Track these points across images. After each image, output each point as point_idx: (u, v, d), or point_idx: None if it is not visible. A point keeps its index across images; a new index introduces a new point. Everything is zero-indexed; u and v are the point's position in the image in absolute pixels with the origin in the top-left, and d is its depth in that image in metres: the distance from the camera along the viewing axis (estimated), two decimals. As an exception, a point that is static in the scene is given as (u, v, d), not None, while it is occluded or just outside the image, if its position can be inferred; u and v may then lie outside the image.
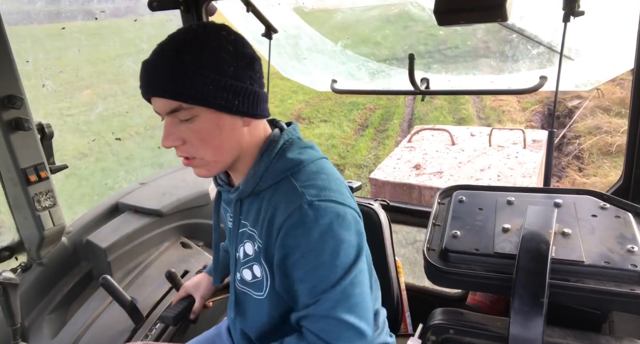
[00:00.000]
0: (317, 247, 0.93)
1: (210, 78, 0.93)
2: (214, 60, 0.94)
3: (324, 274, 0.94)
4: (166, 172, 2.36)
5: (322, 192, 0.98)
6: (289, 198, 0.98)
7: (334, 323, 0.93)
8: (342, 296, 0.93)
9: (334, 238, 0.94)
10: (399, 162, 4.92)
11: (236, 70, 0.96)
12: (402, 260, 1.84)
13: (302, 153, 1.05)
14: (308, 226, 0.94)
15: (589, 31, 1.62)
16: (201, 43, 0.94)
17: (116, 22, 6.64)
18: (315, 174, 1.02)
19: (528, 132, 5.24)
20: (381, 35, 7.95)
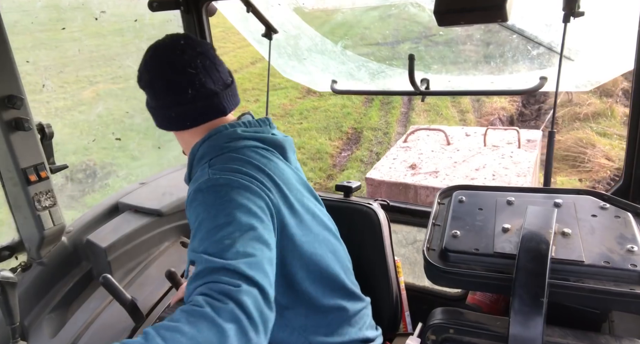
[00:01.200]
0: (212, 212, 0.96)
1: (154, 110, 1.25)
2: (152, 93, 1.23)
3: (220, 234, 0.92)
4: (166, 172, 2.36)
5: (224, 172, 1.05)
6: (197, 178, 1.08)
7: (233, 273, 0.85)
8: (241, 254, 0.89)
9: (230, 202, 0.97)
10: (394, 161, 4.94)
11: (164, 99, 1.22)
12: (402, 259, 1.84)
13: (230, 142, 1.14)
14: (206, 197, 1.00)
15: (589, 31, 1.62)
16: (142, 71, 1.22)
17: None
18: (231, 161, 1.09)
19: (522, 131, 5.27)
20: (381, 36, 8.19)
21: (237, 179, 1.03)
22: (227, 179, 1.02)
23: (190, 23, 2.18)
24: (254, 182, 1.05)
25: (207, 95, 1.14)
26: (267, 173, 1.10)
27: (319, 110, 9.12)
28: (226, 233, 0.92)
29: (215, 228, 0.93)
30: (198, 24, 2.18)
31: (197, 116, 1.16)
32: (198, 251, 0.91)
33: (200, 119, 1.17)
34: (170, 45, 1.15)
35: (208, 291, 0.81)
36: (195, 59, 1.13)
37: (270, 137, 1.20)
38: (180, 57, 1.13)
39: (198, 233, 0.95)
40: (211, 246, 0.90)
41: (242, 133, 1.15)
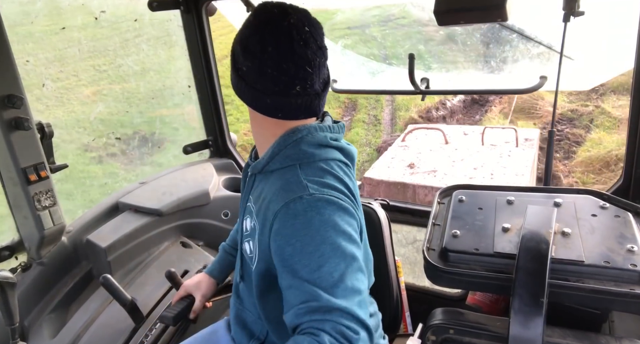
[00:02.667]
0: (317, 238, 0.93)
1: (236, 77, 1.11)
2: (237, 59, 1.09)
3: (324, 261, 0.91)
4: (166, 172, 2.36)
5: (324, 188, 0.99)
6: (291, 187, 1.00)
7: (343, 315, 0.89)
8: (342, 288, 0.90)
9: (334, 228, 0.94)
10: (393, 160, 4.94)
11: (244, 67, 1.08)
12: (402, 259, 1.84)
13: (318, 149, 1.07)
14: (307, 218, 0.95)
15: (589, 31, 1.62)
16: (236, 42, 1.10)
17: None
18: (323, 172, 1.04)
19: (520, 130, 5.28)
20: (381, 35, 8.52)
21: (337, 199, 0.99)
22: (329, 198, 0.97)
23: (190, 23, 2.18)
24: (349, 202, 1.02)
25: (310, 94, 1.05)
26: (351, 192, 1.07)
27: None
28: (333, 264, 0.91)
29: (321, 256, 0.92)
30: (198, 23, 2.18)
31: (294, 112, 1.06)
32: (304, 278, 0.91)
33: (293, 115, 1.07)
34: (295, 30, 0.99)
35: (333, 333, 0.86)
36: (315, 56, 1.02)
37: (347, 148, 1.15)
38: (303, 50, 0.99)
39: (299, 257, 0.93)
40: (321, 279, 0.90)
41: (330, 141, 1.10)
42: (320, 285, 0.89)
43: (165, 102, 7.70)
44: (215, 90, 2.34)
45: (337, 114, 9.17)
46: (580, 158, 6.78)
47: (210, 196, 2.15)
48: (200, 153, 2.50)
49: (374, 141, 8.28)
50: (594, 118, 7.78)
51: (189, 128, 2.49)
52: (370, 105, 9.39)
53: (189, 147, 2.41)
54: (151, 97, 7.63)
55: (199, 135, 2.47)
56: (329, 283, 0.90)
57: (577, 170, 6.57)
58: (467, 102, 8.82)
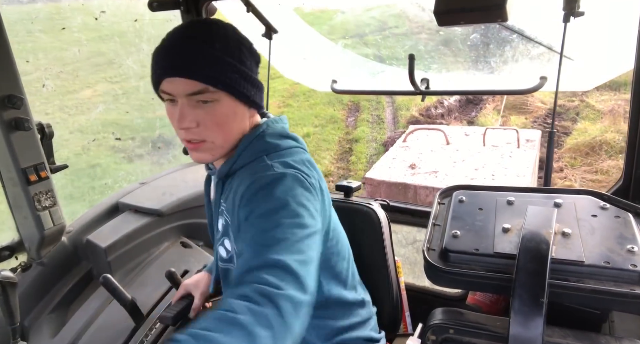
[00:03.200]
0: (277, 204, 0.93)
1: (236, 67, 1.01)
2: (237, 52, 1.02)
3: (278, 230, 0.88)
4: (166, 172, 2.36)
5: (289, 168, 1.02)
6: (257, 169, 1.03)
7: (277, 270, 0.81)
8: (289, 249, 0.85)
9: (294, 199, 0.94)
10: (394, 161, 4.94)
11: (251, 64, 1.06)
12: (402, 259, 1.84)
13: (280, 140, 1.11)
14: (270, 186, 0.96)
15: (589, 31, 1.62)
16: (226, 34, 1.03)
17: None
18: (288, 157, 1.07)
19: (522, 131, 5.28)
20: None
21: (301, 177, 1.01)
22: (294, 174, 1.00)
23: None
24: (312, 184, 1.03)
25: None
26: (317, 179, 1.09)
27: (316, 93, 10.25)
28: (287, 229, 0.89)
29: (276, 220, 0.90)
30: (198, 23, 2.17)
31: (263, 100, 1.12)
32: (255, 240, 0.88)
33: (263, 105, 1.13)
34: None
35: (249, 294, 0.76)
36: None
37: (298, 137, 1.18)
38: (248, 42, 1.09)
39: (257, 221, 0.92)
40: (270, 239, 0.86)
41: (288, 131, 1.14)
42: (267, 244, 0.85)
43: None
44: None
45: (341, 115, 9.59)
46: (569, 145, 7.29)
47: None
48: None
49: (379, 137, 8.64)
50: (579, 112, 8.34)
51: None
52: (372, 106, 9.75)
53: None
54: (151, 97, 7.74)
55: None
56: (275, 241, 0.86)
57: (566, 156, 7.07)
58: (462, 101, 9.29)
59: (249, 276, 0.80)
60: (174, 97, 1.01)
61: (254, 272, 0.80)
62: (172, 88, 1.00)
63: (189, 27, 1.02)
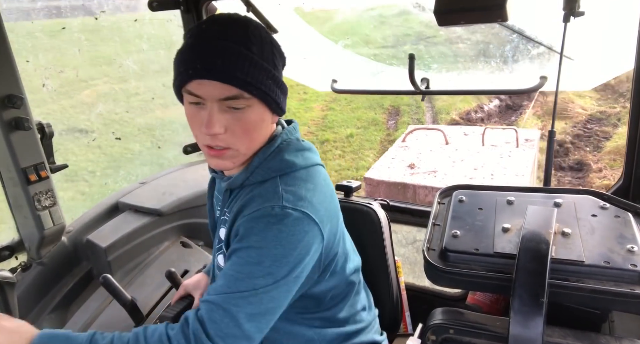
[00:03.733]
0: (267, 246, 0.93)
1: (271, 73, 0.96)
2: (271, 56, 0.98)
3: (256, 273, 0.92)
4: (166, 172, 2.36)
5: (299, 202, 0.98)
6: (267, 196, 0.99)
7: (229, 321, 0.90)
8: (255, 301, 0.91)
9: (285, 247, 0.94)
10: (393, 161, 4.94)
11: (281, 68, 1.02)
12: (402, 259, 1.84)
13: (297, 156, 1.06)
14: (269, 224, 0.94)
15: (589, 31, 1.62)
16: (261, 35, 0.97)
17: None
18: (303, 182, 1.02)
19: (520, 131, 5.28)
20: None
21: (308, 214, 0.98)
22: (299, 215, 0.96)
23: (190, 23, 2.18)
24: (320, 215, 1.00)
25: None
26: (331, 203, 1.07)
27: (358, 98, 10.80)
28: (261, 279, 0.92)
29: (256, 265, 0.93)
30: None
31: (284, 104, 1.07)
32: (230, 274, 0.94)
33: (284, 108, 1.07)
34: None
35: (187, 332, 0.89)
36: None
37: (312, 146, 1.14)
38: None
39: (241, 255, 0.95)
40: (239, 284, 0.92)
41: (302, 143, 1.10)
42: (234, 288, 0.91)
43: (166, 102, 7.88)
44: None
45: (382, 119, 9.92)
46: (608, 148, 7.57)
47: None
48: (200, 153, 2.50)
49: (422, 139, 9.04)
50: (620, 118, 8.58)
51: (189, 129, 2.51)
52: (412, 110, 9.98)
53: (189, 147, 2.41)
54: (150, 97, 7.83)
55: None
56: (242, 289, 0.91)
57: (606, 158, 7.34)
58: (502, 106, 9.48)
59: (202, 309, 0.90)
60: (203, 101, 0.95)
61: (207, 306, 0.90)
62: (203, 91, 0.94)
63: (223, 25, 0.95)
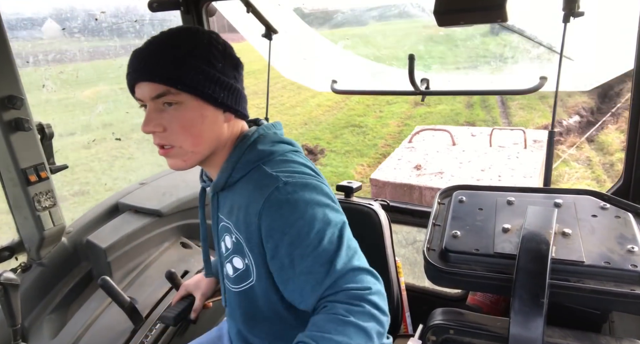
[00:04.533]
0: (308, 217, 0.95)
1: (200, 68, 0.99)
2: (205, 54, 1.00)
3: (321, 238, 0.93)
4: (166, 172, 2.36)
5: (294, 174, 1.01)
6: (264, 183, 1.00)
7: (351, 275, 0.92)
8: (345, 252, 0.94)
9: (318, 204, 0.97)
10: (399, 162, 4.92)
11: (223, 66, 1.03)
12: (402, 260, 1.84)
13: (274, 146, 1.09)
14: (291, 203, 0.96)
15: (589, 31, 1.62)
16: (194, 38, 1.01)
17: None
18: (285, 163, 1.05)
19: (529, 132, 5.25)
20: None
21: (308, 181, 1.01)
22: (301, 182, 0.99)
23: (190, 23, 2.18)
24: (319, 180, 1.04)
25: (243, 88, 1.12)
26: (317, 173, 1.10)
27: (433, 114, 11.27)
28: (330, 234, 0.94)
29: (317, 232, 0.94)
30: (198, 24, 2.18)
31: (245, 106, 1.12)
32: (310, 258, 0.93)
33: (246, 111, 1.13)
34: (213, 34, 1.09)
35: (345, 300, 0.89)
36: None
37: (293, 141, 1.16)
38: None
39: (299, 241, 0.94)
40: (324, 254, 0.93)
41: (280, 137, 1.12)
42: (324, 259, 0.92)
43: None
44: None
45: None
46: None
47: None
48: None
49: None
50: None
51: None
52: (488, 125, 10.07)
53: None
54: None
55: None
56: (330, 254, 0.92)
57: None
58: (582, 122, 9.46)
59: (331, 290, 0.91)
60: (144, 103, 1.02)
61: (333, 287, 0.91)
62: (139, 93, 1.01)
63: (162, 34, 1.02)
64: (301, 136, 10.07)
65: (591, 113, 9.67)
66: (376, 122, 10.99)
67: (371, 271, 0.96)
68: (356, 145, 9.44)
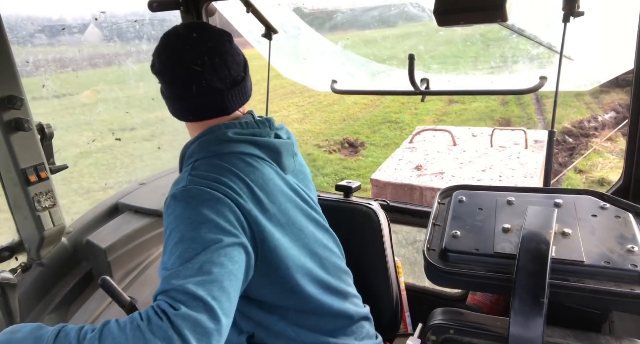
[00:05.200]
0: (174, 226, 0.97)
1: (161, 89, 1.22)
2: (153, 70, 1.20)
3: (183, 248, 0.92)
4: (166, 172, 2.36)
5: (202, 180, 1.04)
6: (176, 182, 1.10)
7: (180, 294, 0.85)
8: (197, 271, 0.89)
9: (192, 218, 0.97)
10: (400, 162, 4.92)
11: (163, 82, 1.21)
12: (402, 260, 1.84)
13: (216, 145, 1.12)
14: (172, 207, 1.00)
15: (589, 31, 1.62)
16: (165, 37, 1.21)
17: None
18: (213, 167, 1.08)
19: (530, 132, 5.24)
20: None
21: (210, 191, 1.01)
22: (199, 190, 1.01)
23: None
24: (229, 193, 1.02)
25: (210, 93, 1.12)
26: (247, 184, 1.07)
27: (468, 111, 11.32)
28: (189, 247, 0.92)
29: (180, 241, 0.94)
30: (198, 24, 2.17)
31: (198, 112, 1.16)
32: (163, 264, 0.94)
33: (200, 116, 1.16)
34: (182, 38, 1.13)
35: (148, 312, 0.84)
36: (203, 56, 1.10)
37: (265, 140, 1.16)
38: (188, 52, 1.10)
39: (167, 245, 0.97)
40: (171, 261, 0.92)
41: (233, 135, 1.13)
42: (169, 268, 0.90)
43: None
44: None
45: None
46: None
47: None
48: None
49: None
50: None
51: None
52: (523, 121, 10.03)
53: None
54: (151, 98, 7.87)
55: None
56: (176, 264, 0.90)
57: None
58: (618, 118, 9.43)
59: (159, 297, 0.87)
60: None
61: (162, 294, 0.87)
62: None
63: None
64: (341, 131, 10.33)
65: (627, 109, 9.91)
66: (412, 118, 11.15)
67: (211, 309, 0.85)
68: (394, 138, 9.57)
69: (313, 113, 12.17)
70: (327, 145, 9.40)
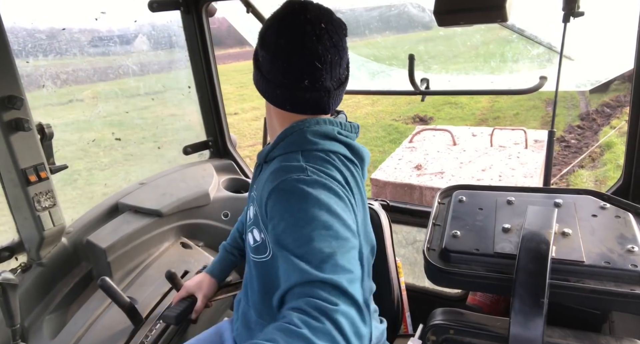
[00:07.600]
0: (311, 213, 0.91)
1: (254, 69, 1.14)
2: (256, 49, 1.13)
3: (317, 243, 0.87)
4: (166, 172, 2.36)
5: (323, 174, 0.99)
6: (290, 168, 1.00)
7: (325, 287, 0.81)
8: (337, 263, 0.85)
9: (329, 209, 0.92)
10: (400, 162, 4.92)
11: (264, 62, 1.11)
12: (402, 260, 1.84)
13: (322, 139, 1.07)
14: (302, 196, 0.93)
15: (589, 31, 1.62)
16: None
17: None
18: (323, 162, 1.04)
19: (530, 132, 5.24)
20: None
21: (334, 186, 0.98)
22: (326, 183, 0.96)
23: (190, 23, 2.18)
24: (346, 194, 1.01)
25: (320, 90, 1.05)
26: (351, 189, 1.06)
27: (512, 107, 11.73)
28: (324, 241, 0.87)
29: (312, 231, 0.88)
30: (198, 24, 2.18)
31: (299, 106, 1.08)
32: (293, 253, 0.87)
33: (301, 109, 1.09)
34: (309, 25, 1.01)
35: (305, 308, 0.78)
36: (327, 53, 1.01)
37: (357, 146, 1.14)
38: (313, 45, 1.00)
39: (291, 231, 0.90)
40: (310, 254, 0.85)
41: (337, 135, 1.10)
42: (308, 260, 0.84)
43: (165, 103, 7.98)
44: (215, 90, 2.35)
45: (541, 105, 10.64)
46: None
47: (210, 197, 2.15)
48: (201, 153, 2.50)
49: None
50: None
51: (189, 129, 2.52)
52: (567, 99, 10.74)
53: (189, 148, 2.41)
54: (150, 98, 7.93)
55: (199, 135, 2.48)
56: (317, 258, 0.84)
57: None
58: None
59: (300, 290, 0.81)
60: None
61: (301, 288, 0.82)
62: None
63: None
64: (409, 110, 11.52)
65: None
66: (469, 100, 12.15)
67: (356, 302, 0.81)
68: (457, 115, 11.01)
69: (380, 99, 13.13)
70: (402, 119, 10.86)
